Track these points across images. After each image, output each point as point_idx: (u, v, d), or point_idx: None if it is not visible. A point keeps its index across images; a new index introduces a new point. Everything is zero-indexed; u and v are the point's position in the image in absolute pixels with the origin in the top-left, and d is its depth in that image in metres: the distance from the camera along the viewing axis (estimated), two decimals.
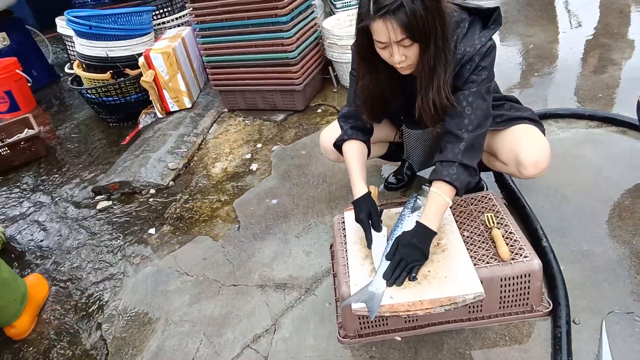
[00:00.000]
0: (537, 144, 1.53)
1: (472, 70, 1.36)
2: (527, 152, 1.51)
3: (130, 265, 2.08)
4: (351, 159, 1.61)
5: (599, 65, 2.78)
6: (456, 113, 1.39)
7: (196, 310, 1.76)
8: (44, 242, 2.38)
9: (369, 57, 1.39)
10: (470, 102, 1.38)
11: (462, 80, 1.38)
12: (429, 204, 1.40)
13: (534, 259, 1.37)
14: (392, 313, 1.31)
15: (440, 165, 1.41)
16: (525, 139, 1.55)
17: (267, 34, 2.76)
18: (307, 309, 1.66)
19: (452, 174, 1.37)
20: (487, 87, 1.39)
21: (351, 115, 1.64)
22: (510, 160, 1.56)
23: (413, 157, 1.91)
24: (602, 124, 2.23)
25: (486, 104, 1.40)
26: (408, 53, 1.30)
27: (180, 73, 3.12)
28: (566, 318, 1.37)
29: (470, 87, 1.38)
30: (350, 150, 1.63)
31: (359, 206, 1.52)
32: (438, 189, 1.39)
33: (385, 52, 1.32)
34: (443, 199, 1.38)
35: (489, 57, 1.38)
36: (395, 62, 1.32)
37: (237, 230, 2.12)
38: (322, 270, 1.80)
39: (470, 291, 1.30)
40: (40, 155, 3.23)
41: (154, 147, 2.85)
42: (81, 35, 3.11)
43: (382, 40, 1.28)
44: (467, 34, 1.38)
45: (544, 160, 1.51)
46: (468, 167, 1.39)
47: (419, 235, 1.37)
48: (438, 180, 1.39)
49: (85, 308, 1.92)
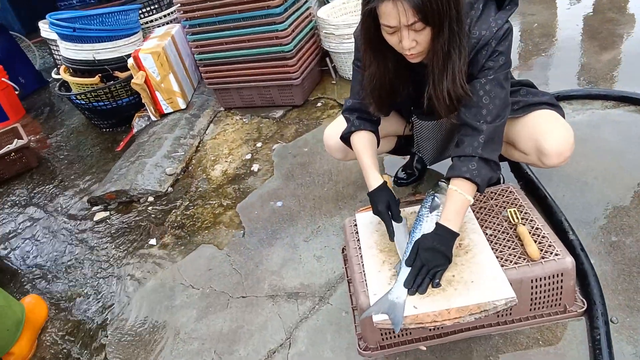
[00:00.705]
0: (559, 131, 1.43)
1: (488, 56, 1.25)
2: (550, 140, 1.41)
3: (132, 280, 1.98)
4: (361, 149, 1.50)
5: (608, 41, 2.66)
6: (472, 103, 1.28)
7: (204, 326, 1.67)
8: (40, 259, 2.27)
9: (376, 43, 1.28)
10: (487, 90, 1.27)
11: (477, 67, 1.27)
12: (448, 203, 1.29)
13: (566, 257, 1.27)
14: (417, 325, 1.21)
15: (459, 160, 1.30)
16: (546, 125, 1.44)
17: (261, 27, 2.63)
18: (323, 319, 1.56)
19: (472, 170, 1.26)
20: (505, 73, 1.28)
21: (356, 107, 1.53)
22: (531, 150, 1.46)
23: (424, 150, 1.79)
24: (618, 103, 2.12)
25: (504, 92, 1.29)
26: (419, 38, 1.18)
27: (172, 73, 2.99)
28: (603, 318, 1.27)
29: (487, 75, 1.27)
30: (360, 141, 1.52)
31: (377, 197, 1.41)
32: (458, 187, 1.27)
33: (393, 37, 1.21)
34: (464, 197, 1.27)
35: (506, 41, 1.26)
36: (404, 48, 1.20)
37: (242, 236, 2.02)
38: (335, 276, 1.70)
39: (500, 296, 1.20)
40: (31, 167, 3.11)
41: (150, 152, 2.73)
42: (65, 39, 2.98)
43: (390, 24, 1.16)
44: (481, 16, 1.26)
45: (567, 147, 1.41)
46: (489, 161, 1.28)
47: (440, 238, 1.25)
48: (457, 178, 1.28)
49: (87, 329, 1.83)
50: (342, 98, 2.84)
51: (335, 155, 1.76)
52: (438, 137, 1.69)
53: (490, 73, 1.27)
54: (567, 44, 2.77)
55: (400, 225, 1.41)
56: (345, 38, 2.77)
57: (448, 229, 1.26)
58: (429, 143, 1.73)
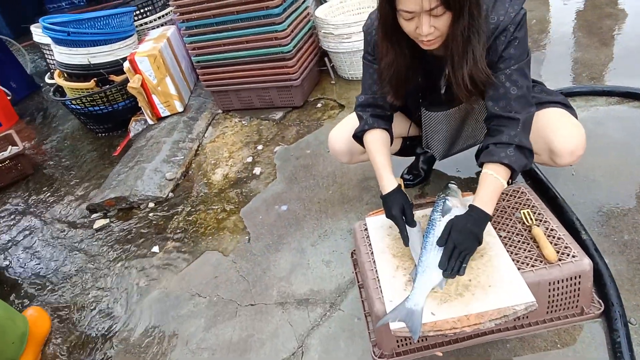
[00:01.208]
0: (570, 129, 1.41)
1: (507, 42, 1.24)
2: (561, 139, 1.39)
3: (137, 289, 1.94)
4: (375, 150, 1.47)
5: (608, 36, 2.66)
6: (500, 95, 1.27)
7: (214, 336, 1.63)
8: (40, 270, 2.23)
9: (392, 31, 1.25)
10: (514, 80, 1.26)
11: (497, 53, 1.26)
12: (484, 186, 1.26)
13: (584, 259, 1.26)
14: (436, 332, 1.18)
15: (495, 147, 1.27)
16: (556, 124, 1.43)
17: (259, 28, 2.60)
18: (335, 326, 1.54)
19: (510, 156, 1.25)
20: (527, 62, 1.28)
21: (369, 103, 1.50)
22: (542, 149, 1.44)
23: (434, 144, 1.72)
24: (622, 99, 2.11)
25: (529, 82, 1.29)
26: (438, 24, 1.16)
27: (169, 75, 2.94)
28: (622, 320, 1.26)
29: (509, 65, 1.26)
30: (373, 140, 1.49)
31: (391, 201, 1.38)
32: (494, 171, 1.25)
33: (411, 24, 1.18)
34: (499, 181, 1.25)
35: (523, 27, 1.25)
36: (422, 34, 1.17)
37: (248, 242, 1.99)
38: (345, 281, 1.68)
39: (520, 301, 1.18)
40: (27, 174, 3.05)
41: (148, 156, 2.69)
42: (59, 43, 2.92)
43: (410, 9, 1.13)
44: (496, 2, 1.25)
45: (580, 145, 1.40)
46: (524, 149, 1.27)
47: (474, 220, 1.23)
48: (494, 163, 1.26)
49: (92, 341, 1.79)
50: (342, 98, 2.81)
51: (340, 159, 1.73)
52: (448, 129, 1.63)
53: (512, 62, 1.26)
54: (567, 39, 2.76)
55: (414, 230, 1.38)
56: (344, 37, 2.74)
57: (483, 211, 1.24)
58: (439, 136, 1.67)
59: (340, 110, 2.73)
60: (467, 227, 1.22)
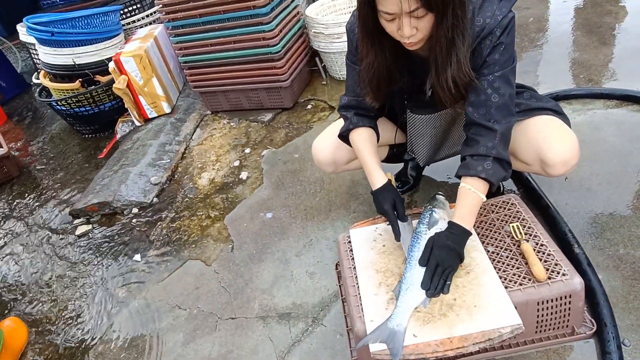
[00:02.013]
0: (562, 138, 1.34)
1: (492, 46, 1.18)
2: (553, 150, 1.32)
3: (116, 299, 1.88)
4: (362, 147, 1.44)
5: (608, 35, 2.58)
6: (481, 102, 1.22)
7: (192, 351, 1.57)
8: (19, 278, 2.17)
9: (373, 32, 1.20)
10: (496, 88, 1.21)
11: (481, 57, 1.20)
12: (462, 201, 1.24)
13: (575, 277, 1.19)
14: (417, 356, 1.12)
15: (472, 159, 1.24)
16: (547, 133, 1.35)
17: (247, 28, 2.52)
18: (317, 343, 1.47)
19: (487, 169, 1.22)
20: (511, 69, 1.22)
21: (352, 105, 1.46)
22: (534, 160, 1.37)
23: (418, 149, 1.65)
24: (621, 102, 2.04)
25: (512, 89, 1.23)
26: (420, 25, 1.11)
27: (155, 76, 2.87)
28: (615, 342, 1.19)
29: (493, 71, 1.20)
30: (359, 138, 1.45)
31: (382, 196, 1.36)
32: (472, 186, 1.23)
33: (392, 25, 1.13)
34: (477, 195, 1.23)
35: (511, 32, 1.19)
36: (404, 36, 1.12)
37: (231, 251, 1.92)
38: (329, 294, 1.61)
39: (506, 323, 1.12)
40: (12, 177, 2.99)
41: (134, 160, 2.62)
42: (44, 43, 2.85)
43: (390, 10, 1.08)
44: (484, 3, 1.18)
45: (572, 155, 1.32)
46: (502, 161, 1.23)
47: (454, 237, 1.21)
48: (472, 177, 1.23)
49: (69, 353, 1.73)
50: (333, 100, 2.74)
51: (325, 169, 1.67)
52: (433, 133, 1.57)
53: (496, 69, 1.20)
54: (565, 39, 2.68)
55: (406, 225, 1.36)
56: (335, 37, 2.67)
57: (462, 228, 1.21)
58: (424, 140, 1.60)
59: (330, 112, 2.66)
60: (447, 244, 1.19)
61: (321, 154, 1.60)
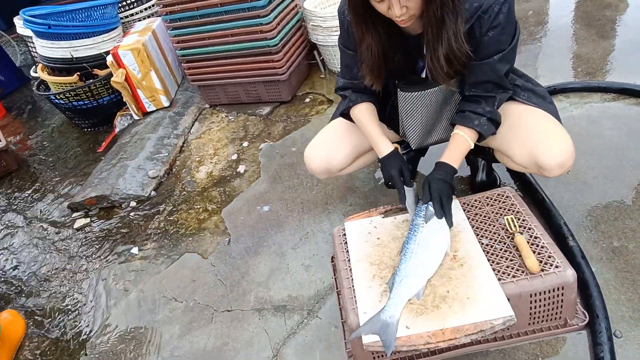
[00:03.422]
0: (556, 141, 1.32)
1: (491, 24, 1.19)
2: (548, 155, 1.30)
3: (114, 292, 1.89)
4: (365, 120, 1.49)
5: (607, 29, 2.56)
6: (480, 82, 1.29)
7: (188, 343, 1.58)
8: (18, 271, 2.18)
9: (364, 12, 1.22)
10: (497, 70, 1.26)
11: (480, 33, 1.21)
12: (454, 145, 1.35)
13: (567, 269, 1.19)
14: (409, 347, 1.13)
15: (471, 113, 1.34)
16: (543, 137, 1.33)
17: (244, 21, 2.51)
18: (312, 335, 1.48)
19: (482, 125, 1.33)
20: (512, 47, 1.25)
21: (347, 86, 1.51)
22: (529, 164, 1.35)
23: (410, 130, 1.61)
24: (618, 96, 2.03)
25: (511, 65, 1.30)
26: (410, 4, 1.13)
27: (153, 70, 2.87)
28: (607, 333, 1.20)
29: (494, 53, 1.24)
30: (361, 112, 1.50)
31: (389, 163, 1.43)
32: (465, 134, 1.34)
33: (382, 5, 1.14)
34: (469, 143, 1.35)
35: (510, 10, 1.20)
36: (394, 15, 1.15)
37: (228, 244, 1.93)
38: (324, 286, 1.62)
39: (498, 315, 1.12)
40: (11, 170, 3.00)
41: (132, 153, 2.62)
42: (41, 36, 2.84)
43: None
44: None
45: (568, 157, 1.31)
46: (495, 121, 1.34)
47: (446, 173, 1.33)
48: (467, 127, 1.34)
49: (66, 346, 1.74)
50: (332, 93, 2.73)
51: (319, 177, 1.65)
52: (424, 112, 1.53)
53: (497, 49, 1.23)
54: (564, 32, 2.67)
55: (411, 190, 1.43)
56: (334, 30, 2.66)
57: (450, 166, 1.33)
58: (415, 120, 1.56)
59: (329, 105, 2.65)
60: (442, 178, 1.32)
61: (314, 164, 1.59)
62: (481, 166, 1.76)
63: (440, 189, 1.30)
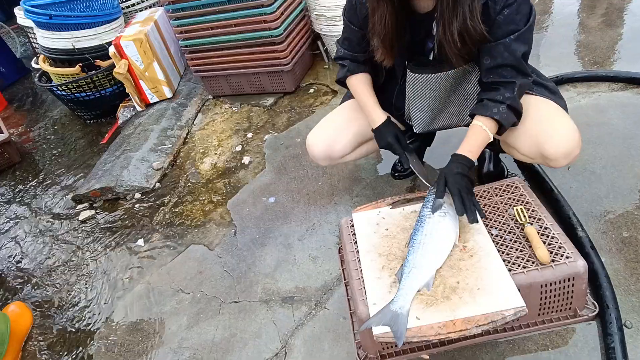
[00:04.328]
0: (562, 131, 1.30)
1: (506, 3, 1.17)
2: (554, 145, 1.29)
3: (120, 284, 1.89)
4: (360, 90, 1.53)
5: (614, 17, 2.54)
6: (497, 64, 1.25)
7: (196, 335, 1.59)
8: (23, 263, 2.18)
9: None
10: (512, 50, 1.22)
11: (494, 12, 1.19)
12: (473, 136, 1.31)
13: (578, 260, 1.19)
14: (420, 338, 1.13)
15: (489, 102, 1.29)
16: (548, 126, 1.31)
17: (248, 11, 2.48)
18: (320, 326, 1.48)
19: (502, 112, 1.28)
20: (528, 27, 1.23)
21: (346, 56, 1.54)
22: (536, 155, 1.34)
23: (416, 113, 1.56)
24: (626, 85, 2.02)
25: (528, 48, 1.26)
26: None
27: (156, 61, 2.85)
28: (617, 323, 1.20)
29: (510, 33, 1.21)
30: (356, 82, 1.54)
31: (383, 132, 1.46)
32: (484, 124, 1.29)
33: None
34: (487, 134, 1.30)
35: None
36: None
37: (234, 235, 1.93)
38: (331, 278, 1.62)
39: (509, 306, 1.12)
40: (13, 162, 2.99)
41: (135, 145, 2.61)
42: (42, 27, 2.82)
43: None
44: None
45: (574, 146, 1.29)
46: (516, 110, 1.29)
47: (463, 166, 1.28)
48: (485, 116, 1.29)
49: (73, 337, 1.74)
50: (336, 84, 2.70)
51: (320, 164, 1.65)
52: (432, 96, 1.50)
53: (512, 29, 1.21)
54: (570, 20, 2.64)
55: (412, 154, 1.47)
56: (337, 20, 2.63)
57: (468, 158, 1.29)
58: (422, 103, 1.52)
59: (333, 96, 2.64)
60: (459, 172, 1.26)
61: (315, 150, 1.59)
62: (488, 157, 1.75)
63: (459, 182, 1.25)
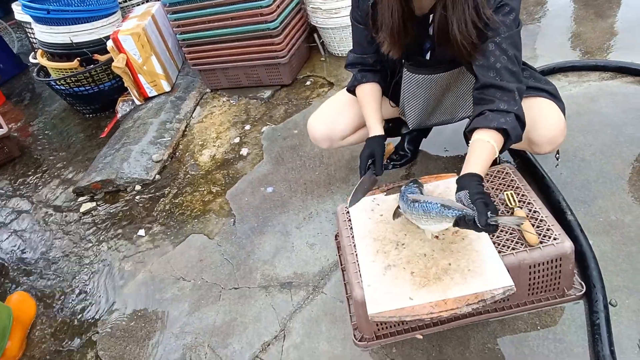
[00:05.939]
0: (548, 118, 1.36)
1: (497, 5, 1.20)
2: (539, 130, 1.35)
3: (122, 273, 1.93)
4: (365, 102, 1.56)
5: (604, 7, 2.57)
6: (490, 64, 1.23)
7: (197, 320, 1.63)
8: (26, 254, 2.22)
9: None
10: (504, 49, 1.22)
11: None
12: (478, 152, 1.19)
13: (565, 241, 1.23)
14: (414, 317, 1.17)
15: (493, 113, 1.21)
16: (537, 114, 1.37)
17: (244, 4, 2.51)
18: (317, 310, 1.53)
19: (509, 122, 1.19)
20: (517, 32, 1.25)
21: (357, 62, 1.56)
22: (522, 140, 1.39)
23: (410, 111, 1.61)
24: (616, 74, 2.05)
25: (519, 52, 1.25)
26: None
27: (154, 54, 2.87)
28: (603, 301, 1.25)
29: (500, 33, 1.21)
30: (363, 93, 1.57)
31: (367, 144, 1.49)
32: (489, 138, 1.18)
33: None
34: (494, 148, 1.18)
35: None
36: None
37: (233, 225, 1.97)
38: (328, 264, 1.66)
39: (498, 285, 1.16)
40: (13, 157, 3.02)
41: (135, 138, 2.65)
42: (40, 21, 2.84)
43: None
44: None
45: (558, 133, 1.36)
46: (521, 120, 1.23)
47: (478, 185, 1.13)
48: (490, 129, 1.19)
49: (77, 325, 1.79)
50: (332, 76, 2.75)
51: (321, 145, 1.70)
52: (427, 95, 1.56)
53: (502, 30, 1.21)
54: (562, 11, 2.68)
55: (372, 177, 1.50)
56: (333, 12, 2.66)
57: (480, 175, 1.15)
58: (416, 102, 1.58)
59: (329, 88, 2.67)
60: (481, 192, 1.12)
61: (316, 131, 1.64)
62: None
63: (487, 202, 1.09)
